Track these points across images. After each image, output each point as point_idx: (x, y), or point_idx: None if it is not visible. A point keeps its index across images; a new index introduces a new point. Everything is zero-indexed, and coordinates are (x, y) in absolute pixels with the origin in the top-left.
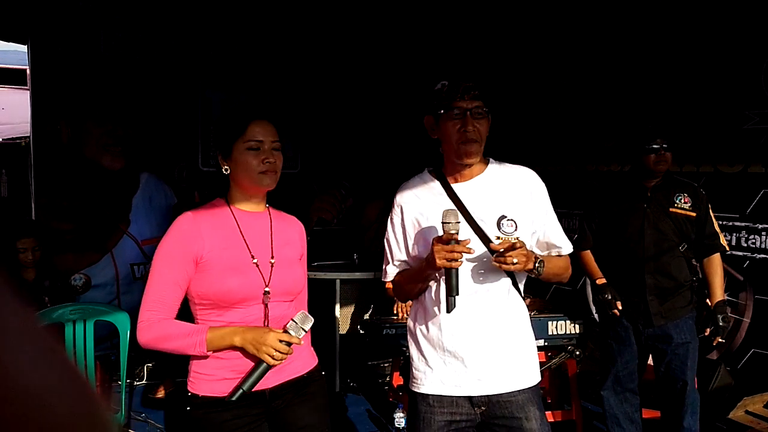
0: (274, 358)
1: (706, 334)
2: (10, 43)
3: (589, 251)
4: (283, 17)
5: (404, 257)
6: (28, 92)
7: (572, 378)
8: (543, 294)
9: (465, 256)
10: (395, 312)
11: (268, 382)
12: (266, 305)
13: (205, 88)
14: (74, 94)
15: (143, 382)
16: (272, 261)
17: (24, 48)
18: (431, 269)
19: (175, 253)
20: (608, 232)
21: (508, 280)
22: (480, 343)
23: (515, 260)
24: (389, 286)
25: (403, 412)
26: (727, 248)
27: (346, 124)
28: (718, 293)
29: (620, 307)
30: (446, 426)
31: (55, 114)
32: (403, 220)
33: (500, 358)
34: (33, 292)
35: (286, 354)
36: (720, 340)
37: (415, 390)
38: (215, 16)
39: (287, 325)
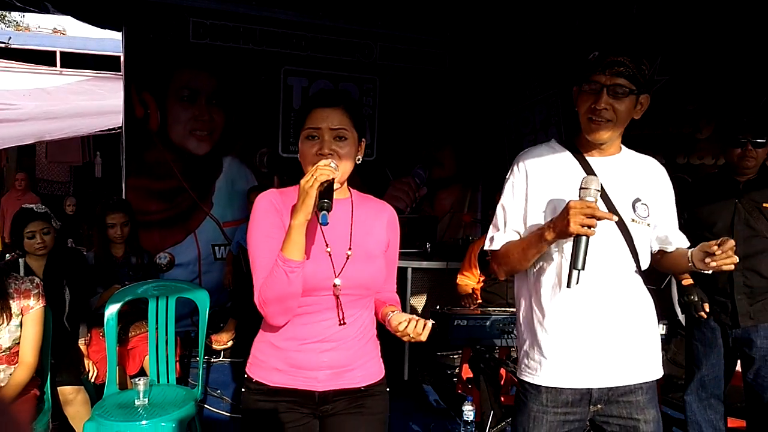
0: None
1: None
2: (106, 31)
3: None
4: (360, 6)
5: (520, 226)
6: (121, 79)
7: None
8: None
9: (598, 236)
10: (464, 305)
11: (320, 385)
12: (338, 297)
13: (287, 76)
14: (164, 80)
15: (220, 359)
16: (348, 253)
17: (119, 35)
18: (557, 235)
19: (265, 225)
20: (697, 228)
21: (634, 268)
22: (605, 332)
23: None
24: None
25: (471, 405)
26: None
27: (423, 111)
28: None
29: (708, 309)
30: (558, 426)
31: (145, 99)
32: (527, 186)
33: (627, 348)
34: (120, 268)
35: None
36: None
37: (528, 380)
38: (298, 5)
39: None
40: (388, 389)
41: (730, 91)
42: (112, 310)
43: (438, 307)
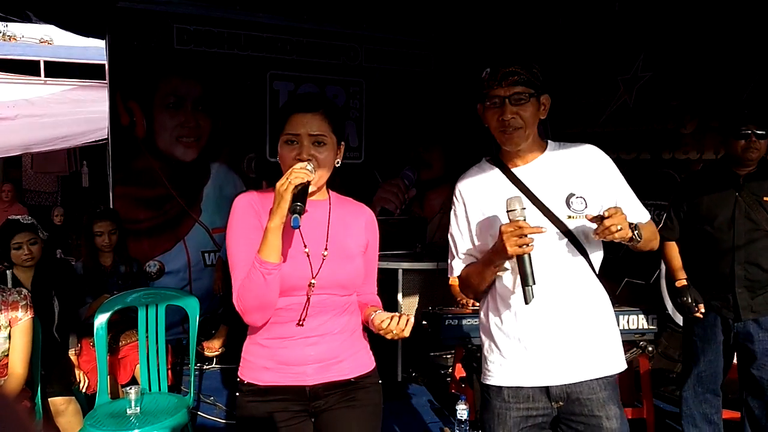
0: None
1: None
2: (91, 39)
3: (674, 243)
4: (345, 9)
5: (471, 250)
6: (106, 88)
7: (644, 375)
8: (614, 287)
9: (538, 240)
10: (461, 304)
11: (309, 379)
12: (309, 298)
13: (273, 80)
14: (149, 88)
15: (213, 366)
16: (325, 253)
17: (103, 44)
18: (501, 259)
19: (243, 226)
20: (696, 222)
21: (584, 263)
22: (559, 330)
23: (619, 227)
24: (453, 283)
25: (465, 404)
26: None
27: (411, 113)
28: None
29: (702, 309)
30: (522, 422)
31: (131, 107)
32: (466, 211)
33: (581, 345)
34: (109, 277)
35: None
36: None
37: (489, 383)
38: (282, 9)
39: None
40: (380, 381)
41: (713, 85)
42: (101, 320)
43: (430, 307)
